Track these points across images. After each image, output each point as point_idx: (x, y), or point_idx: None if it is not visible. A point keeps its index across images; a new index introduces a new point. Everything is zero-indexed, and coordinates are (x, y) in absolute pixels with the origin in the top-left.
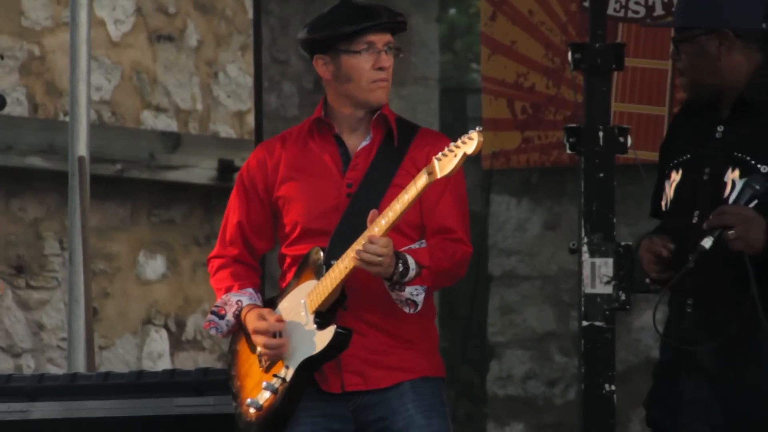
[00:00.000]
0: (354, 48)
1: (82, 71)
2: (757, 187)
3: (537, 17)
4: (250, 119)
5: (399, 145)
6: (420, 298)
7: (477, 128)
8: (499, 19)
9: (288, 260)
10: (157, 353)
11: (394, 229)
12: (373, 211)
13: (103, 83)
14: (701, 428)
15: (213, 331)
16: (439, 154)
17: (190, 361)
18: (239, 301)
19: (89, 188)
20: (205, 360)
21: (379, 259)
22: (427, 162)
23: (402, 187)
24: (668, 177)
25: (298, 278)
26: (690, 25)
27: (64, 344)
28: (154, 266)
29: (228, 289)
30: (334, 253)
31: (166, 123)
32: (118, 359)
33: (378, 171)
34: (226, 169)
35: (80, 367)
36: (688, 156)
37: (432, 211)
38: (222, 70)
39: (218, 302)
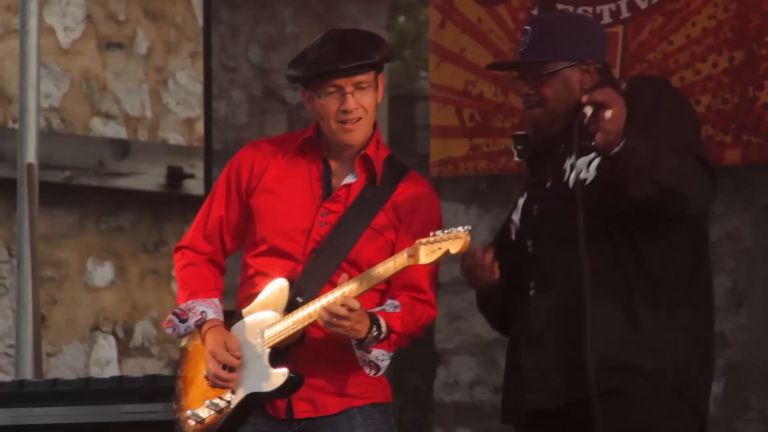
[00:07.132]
0: (322, 90)
1: (32, 78)
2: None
3: (486, 25)
4: (200, 126)
5: (382, 186)
6: (384, 365)
7: (467, 228)
8: (448, 27)
9: (250, 271)
10: (104, 360)
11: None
12: (343, 275)
13: (52, 90)
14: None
15: (170, 331)
16: (425, 239)
17: (137, 368)
18: (204, 312)
19: (38, 195)
20: (152, 367)
21: (341, 329)
22: (408, 212)
23: (379, 232)
24: (515, 207)
25: (261, 303)
26: (558, 59)
27: (11, 351)
28: (102, 273)
29: (193, 294)
30: (301, 290)
31: (116, 130)
32: (65, 366)
33: (358, 210)
34: (175, 177)
35: (28, 373)
36: (534, 181)
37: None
38: (171, 78)
39: (182, 306)
